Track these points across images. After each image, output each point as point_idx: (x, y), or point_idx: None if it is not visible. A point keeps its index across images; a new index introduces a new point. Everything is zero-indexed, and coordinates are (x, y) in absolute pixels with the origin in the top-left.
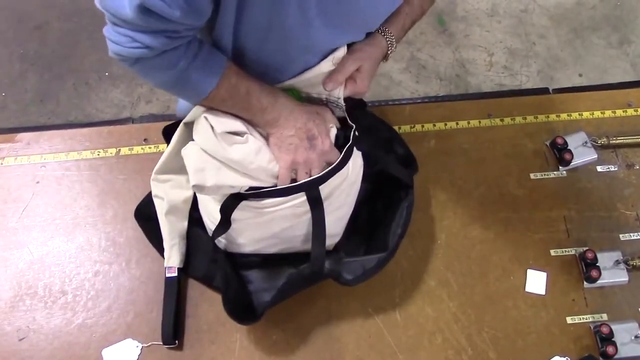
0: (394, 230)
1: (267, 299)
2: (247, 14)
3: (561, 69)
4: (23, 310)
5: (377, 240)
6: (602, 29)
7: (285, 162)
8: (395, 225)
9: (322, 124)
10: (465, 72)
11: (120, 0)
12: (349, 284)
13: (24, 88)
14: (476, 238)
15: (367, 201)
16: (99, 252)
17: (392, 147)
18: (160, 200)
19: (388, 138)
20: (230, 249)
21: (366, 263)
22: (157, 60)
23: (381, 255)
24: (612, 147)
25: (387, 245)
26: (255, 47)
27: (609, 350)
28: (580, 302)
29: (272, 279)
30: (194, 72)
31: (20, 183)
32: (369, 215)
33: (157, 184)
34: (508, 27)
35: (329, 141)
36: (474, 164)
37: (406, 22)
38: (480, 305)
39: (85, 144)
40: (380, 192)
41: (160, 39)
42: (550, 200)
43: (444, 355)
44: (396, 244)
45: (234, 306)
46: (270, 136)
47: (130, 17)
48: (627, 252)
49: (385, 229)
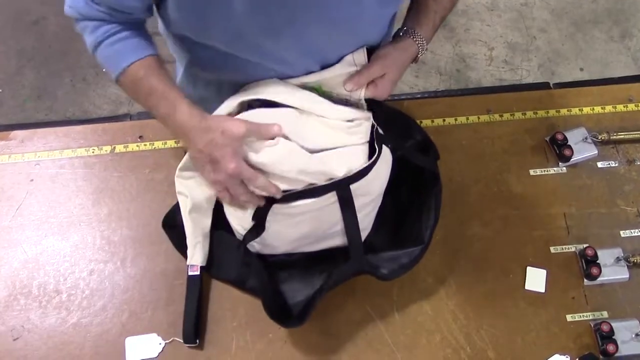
0: (425, 221)
1: (300, 299)
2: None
3: (562, 63)
4: (17, 309)
5: (408, 232)
6: (603, 22)
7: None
8: (426, 216)
9: (227, 144)
10: (466, 67)
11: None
12: (387, 278)
13: (21, 84)
14: (475, 235)
15: (391, 190)
16: (93, 251)
17: (411, 135)
18: (184, 197)
19: (405, 125)
20: (263, 252)
21: (401, 257)
22: (82, 24)
23: (416, 249)
24: (613, 143)
25: (421, 237)
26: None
27: (610, 348)
28: (580, 299)
29: (306, 278)
30: (108, 48)
31: (14, 181)
32: (395, 205)
33: (181, 181)
34: (508, 21)
35: (235, 164)
36: (473, 160)
37: (436, 20)
38: (479, 303)
39: (80, 141)
40: (403, 181)
41: (80, 2)
42: (550, 196)
43: (442, 354)
44: (430, 235)
45: (274, 309)
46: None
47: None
48: (627, 249)
49: (415, 220)
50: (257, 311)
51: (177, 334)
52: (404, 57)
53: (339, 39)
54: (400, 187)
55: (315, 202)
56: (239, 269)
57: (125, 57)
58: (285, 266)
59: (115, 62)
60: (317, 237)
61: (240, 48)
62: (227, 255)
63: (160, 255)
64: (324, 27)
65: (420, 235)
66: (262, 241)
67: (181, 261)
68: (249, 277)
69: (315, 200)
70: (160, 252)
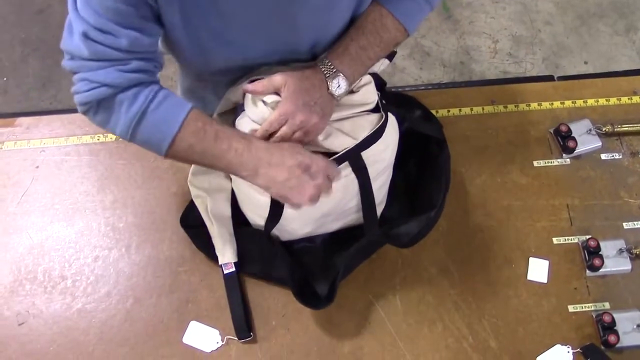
0: (436, 186)
1: (325, 281)
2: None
3: (566, 56)
4: (22, 295)
5: (420, 200)
6: (608, 16)
7: (299, 205)
8: (437, 181)
9: (306, 152)
10: (470, 59)
11: (72, 38)
12: (407, 246)
13: (26, 73)
14: (478, 226)
15: (400, 164)
16: (98, 238)
17: (411, 110)
18: (202, 200)
19: (405, 102)
20: (283, 238)
21: (417, 223)
22: (117, 99)
23: (431, 212)
24: (617, 135)
25: (432, 202)
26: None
27: (611, 339)
28: (582, 290)
29: (328, 261)
30: (155, 112)
31: (20, 168)
32: (405, 177)
33: (196, 185)
34: (513, 14)
35: (321, 158)
36: (477, 151)
37: (350, 47)
38: (481, 293)
39: (85, 128)
40: (410, 154)
41: (112, 73)
42: (554, 188)
43: (444, 343)
44: (442, 199)
45: (304, 294)
46: (264, 188)
47: (85, 54)
48: (630, 241)
49: (427, 187)
50: (261, 299)
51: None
52: (308, 74)
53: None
54: (408, 161)
55: None
56: (263, 261)
57: (176, 113)
58: (308, 252)
59: (168, 123)
60: (335, 216)
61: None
62: (250, 249)
63: (164, 242)
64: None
65: (432, 200)
66: (281, 227)
67: (185, 248)
68: (274, 267)
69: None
70: (165, 240)
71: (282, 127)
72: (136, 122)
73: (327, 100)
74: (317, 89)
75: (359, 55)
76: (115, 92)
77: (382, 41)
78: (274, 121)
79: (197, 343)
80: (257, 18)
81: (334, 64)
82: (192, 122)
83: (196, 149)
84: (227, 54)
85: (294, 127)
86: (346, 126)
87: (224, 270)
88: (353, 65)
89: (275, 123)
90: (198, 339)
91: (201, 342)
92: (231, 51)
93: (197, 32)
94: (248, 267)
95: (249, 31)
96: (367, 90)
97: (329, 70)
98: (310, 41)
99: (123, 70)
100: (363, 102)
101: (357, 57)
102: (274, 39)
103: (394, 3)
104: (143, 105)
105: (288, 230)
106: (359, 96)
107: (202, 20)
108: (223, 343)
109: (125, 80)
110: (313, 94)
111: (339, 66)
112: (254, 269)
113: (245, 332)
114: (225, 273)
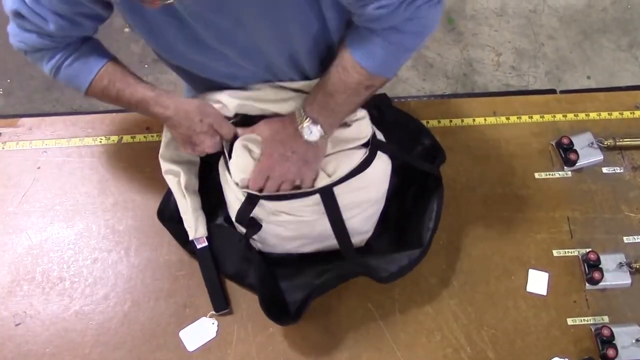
0: (427, 225)
1: (299, 297)
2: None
3: (569, 70)
4: (20, 295)
5: (410, 235)
6: (612, 31)
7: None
8: (428, 219)
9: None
10: (473, 71)
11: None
12: (384, 281)
13: (30, 75)
14: (478, 237)
15: (396, 195)
16: (98, 240)
17: (419, 139)
18: (175, 174)
19: (414, 130)
20: (264, 250)
21: (401, 260)
22: (34, 55)
23: (415, 251)
24: (619, 149)
25: (421, 241)
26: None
27: (610, 353)
28: (581, 303)
29: (305, 275)
30: (67, 70)
31: (21, 168)
32: (399, 209)
33: (167, 158)
34: (517, 27)
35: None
36: (478, 162)
37: (319, 95)
38: (480, 304)
39: (88, 130)
40: (409, 185)
41: (32, 38)
42: (554, 200)
43: (442, 353)
44: (429, 238)
45: (271, 306)
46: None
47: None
48: (630, 255)
49: (417, 224)
50: (259, 304)
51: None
52: (282, 136)
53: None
54: (406, 192)
55: (298, 203)
56: (239, 264)
57: (85, 74)
58: (286, 264)
59: (79, 81)
60: (312, 239)
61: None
62: (228, 249)
63: (163, 246)
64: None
65: (420, 238)
66: (261, 239)
67: (184, 253)
68: (249, 273)
69: (297, 201)
70: (164, 243)
71: (266, 182)
72: (55, 72)
73: (306, 147)
74: (292, 138)
75: (327, 103)
76: (33, 50)
77: (347, 87)
78: (257, 179)
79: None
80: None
81: (306, 111)
82: (98, 80)
83: (104, 101)
84: (196, 71)
85: (277, 180)
86: (329, 167)
87: (197, 245)
88: (324, 112)
89: (259, 180)
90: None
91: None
92: (198, 70)
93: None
94: (224, 268)
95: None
96: (360, 124)
97: (302, 117)
98: (278, 56)
99: (43, 37)
100: (356, 137)
101: (325, 105)
102: (231, 63)
103: (355, 42)
104: (57, 63)
105: (268, 244)
106: (353, 130)
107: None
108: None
109: (43, 45)
110: (289, 143)
111: (310, 113)
112: (229, 271)
113: (223, 304)
114: (198, 248)
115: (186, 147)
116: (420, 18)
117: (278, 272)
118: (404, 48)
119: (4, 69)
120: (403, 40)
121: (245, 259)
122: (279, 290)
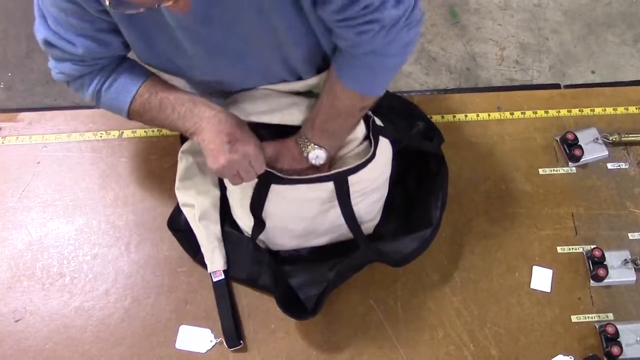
0: (434, 204)
1: (314, 292)
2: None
3: (574, 65)
4: (20, 291)
5: (417, 217)
6: (617, 26)
7: (210, 168)
8: (434, 198)
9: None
10: (476, 66)
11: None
12: (399, 265)
13: (31, 68)
14: (481, 233)
15: (398, 180)
16: (98, 235)
17: (413, 122)
18: (190, 207)
19: (407, 113)
20: (273, 249)
21: (412, 242)
22: (75, 84)
23: (426, 231)
24: (624, 144)
25: (430, 220)
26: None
27: (614, 350)
28: (586, 300)
29: (316, 271)
30: (107, 94)
31: (21, 163)
32: (403, 193)
33: (183, 192)
34: (521, 21)
35: (254, 143)
36: (482, 157)
37: (316, 122)
38: (483, 301)
39: (88, 125)
40: (409, 169)
41: (68, 67)
42: (559, 196)
43: (444, 350)
44: (439, 217)
45: (288, 303)
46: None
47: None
48: (635, 252)
49: (424, 205)
50: (260, 302)
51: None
52: (289, 158)
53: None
54: (407, 176)
55: (311, 189)
56: (250, 267)
57: (125, 93)
58: (296, 261)
59: (120, 102)
60: (321, 232)
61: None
62: (238, 254)
63: (164, 242)
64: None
65: (429, 218)
66: (267, 238)
67: None
68: (261, 274)
69: (311, 187)
70: (165, 239)
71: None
72: (96, 98)
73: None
74: (297, 162)
75: (326, 129)
76: (71, 79)
77: (341, 112)
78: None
79: (190, 346)
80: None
81: (308, 138)
82: (139, 96)
83: (146, 117)
84: (188, 76)
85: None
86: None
87: (213, 278)
88: (325, 135)
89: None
90: (191, 341)
91: (194, 344)
92: (191, 74)
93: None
94: (235, 273)
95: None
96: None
97: (305, 145)
98: (272, 60)
99: (78, 64)
100: (352, 138)
101: (324, 130)
102: (217, 68)
103: (343, 67)
104: (96, 87)
105: (275, 243)
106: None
107: (153, 47)
108: (217, 341)
109: (79, 71)
110: (293, 165)
111: (313, 139)
112: (241, 275)
113: (235, 341)
114: (214, 281)
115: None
116: (401, 40)
117: (289, 270)
118: (387, 68)
119: (5, 63)
120: (385, 62)
121: (255, 261)
122: (292, 288)
